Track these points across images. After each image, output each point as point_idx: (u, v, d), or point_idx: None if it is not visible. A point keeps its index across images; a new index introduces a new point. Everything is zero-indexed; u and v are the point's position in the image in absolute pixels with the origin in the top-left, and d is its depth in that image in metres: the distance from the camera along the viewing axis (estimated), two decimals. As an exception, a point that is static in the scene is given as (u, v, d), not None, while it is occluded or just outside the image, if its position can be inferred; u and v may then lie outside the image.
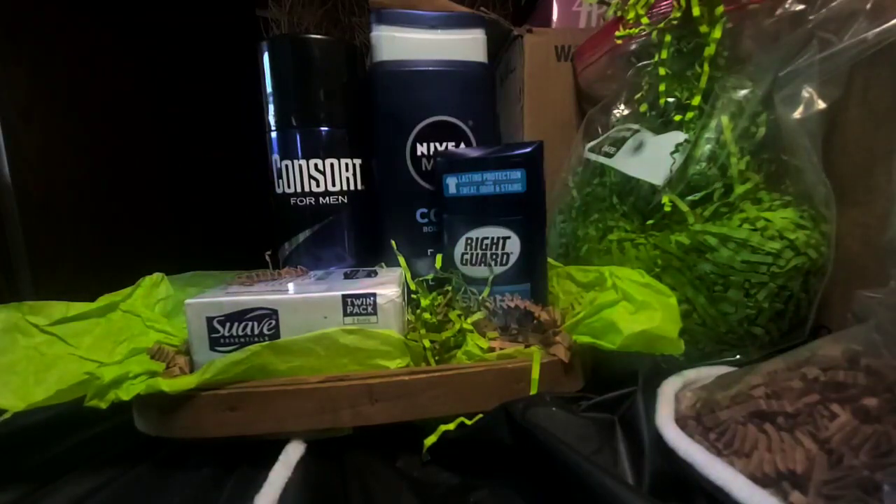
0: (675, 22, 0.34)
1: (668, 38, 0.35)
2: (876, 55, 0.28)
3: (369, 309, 0.28)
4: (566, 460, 0.20)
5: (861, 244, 0.31)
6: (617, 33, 0.37)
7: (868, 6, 0.28)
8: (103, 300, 0.31)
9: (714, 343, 0.32)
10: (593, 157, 0.39)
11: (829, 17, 0.29)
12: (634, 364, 0.27)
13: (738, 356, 0.32)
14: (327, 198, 0.38)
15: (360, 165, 0.39)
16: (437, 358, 0.30)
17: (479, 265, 0.35)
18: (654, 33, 0.36)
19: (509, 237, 0.34)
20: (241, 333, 0.28)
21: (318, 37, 0.38)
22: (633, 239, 0.34)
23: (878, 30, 0.27)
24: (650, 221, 0.34)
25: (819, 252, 0.31)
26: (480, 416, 0.26)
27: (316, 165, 0.38)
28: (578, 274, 0.35)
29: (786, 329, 0.32)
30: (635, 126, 0.37)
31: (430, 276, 0.37)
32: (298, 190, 0.38)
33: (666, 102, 0.36)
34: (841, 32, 0.29)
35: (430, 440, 0.26)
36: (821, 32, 0.30)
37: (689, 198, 0.32)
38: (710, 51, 0.33)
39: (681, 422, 0.22)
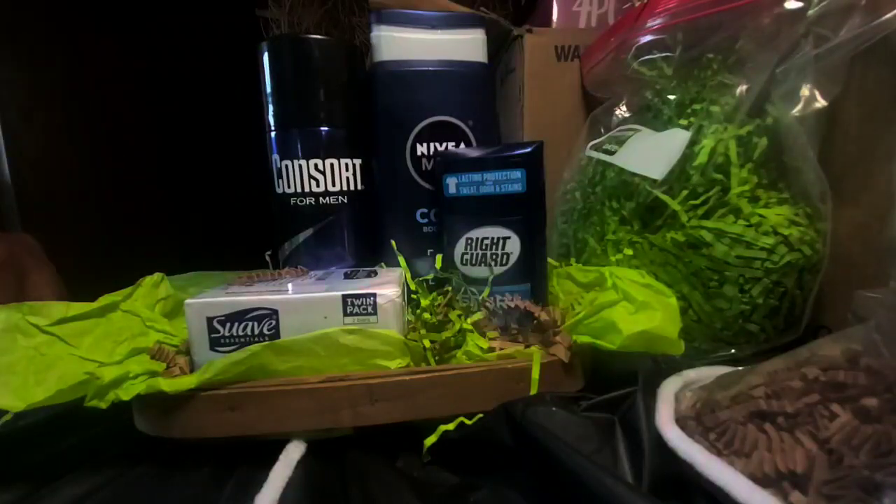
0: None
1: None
2: (874, 53, 0.29)
3: (369, 309, 0.28)
4: (566, 460, 0.20)
5: (861, 244, 0.31)
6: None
7: (863, 2, 0.28)
8: (103, 300, 0.31)
9: (710, 340, 0.33)
10: (595, 154, 0.39)
11: (824, 14, 0.29)
12: (634, 364, 0.27)
13: (732, 351, 0.32)
14: (327, 198, 0.38)
15: (360, 165, 0.39)
16: (437, 358, 0.30)
17: (479, 265, 0.35)
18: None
19: (509, 237, 0.34)
20: (241, 333, 0.28)
21: (318, 37, 0.38)
22: (631, 238, 0.34)
23: (873, 24, 0.27)
24: (648, 229, 0.34)
25: (813, 249, 0.31)
26: (480, 416, 0.26)
27: (316, 165, 0.38)
28: (578, 274, 0.35)
29: (781, 326, 0.32)
30: (637, 126, 0.37)
31: (430, 276, 0.37)
32: (298, 190, 0.38)
33: (666, 102, 0.36)
34: (837, 28, 0.29)
35: (430, 440, 0.26)
36: (817, 29, 0.30)
37: (691, 201, 0.32)
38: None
39: (681, 422, 0.22)
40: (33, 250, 0.44)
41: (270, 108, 0.38)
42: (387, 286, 0.29)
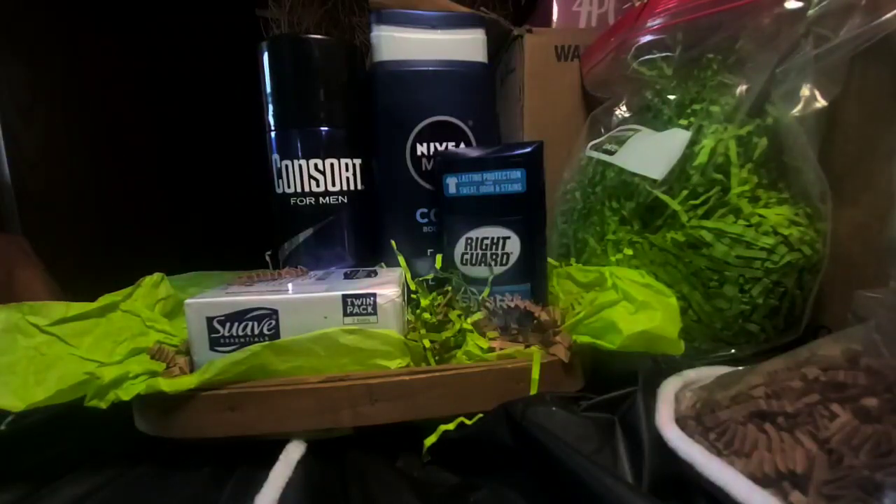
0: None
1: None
2: (873, 53, 0.29)
3: (369, 309, 0.28)
4: (566, 460, 0.20)
5: (861, 244, 0.31)
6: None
7: (863, 2, 0.28)
8: (103, 300, 0.31)
9: (709, 340, 0.33)
10: (595, 154, 0.39)
11: (824, 14, 0.29)
12: (634, 364, 0.27)
13: (732, 351, 0.32)
14: (327, 198, 0.38)
15: (360, 165, 0.39)
16: (437, 358, 0.30)
17: (479, 265, 0.35)
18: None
19: (509, 237, 0.34)
20: (241, 333, 0.28)
21: (318, 37, 0.38)
22: (631, 238, 0.34)
23: (873, 24, 0.27)
24: (648, 229, 0.34)
25: (813, 249, 0.31)
26: (480, 416, 0.26)
27: (316, 165, 0.38)
28: (578, 274, 0.35)
29: (781, 326, 0.32)
30: (637, 126, 0.37)
31: (430, 276, 0.37)
32: (298, 190, 0.38)
33: (666, 102, 0.36)
34: (837, 28, 0.29)
35: (430, 440, 0.26)
36: (817, 29, 0.30)
37: (691, 201, 0.32)
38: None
39: (681, 422, 0.22)
40: (21, 248, 0.44)
41: (270, 108, 0.38)
42: (387, 286, 0.29)
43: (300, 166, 0.37)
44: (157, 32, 0.73)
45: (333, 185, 0.38)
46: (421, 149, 0.39)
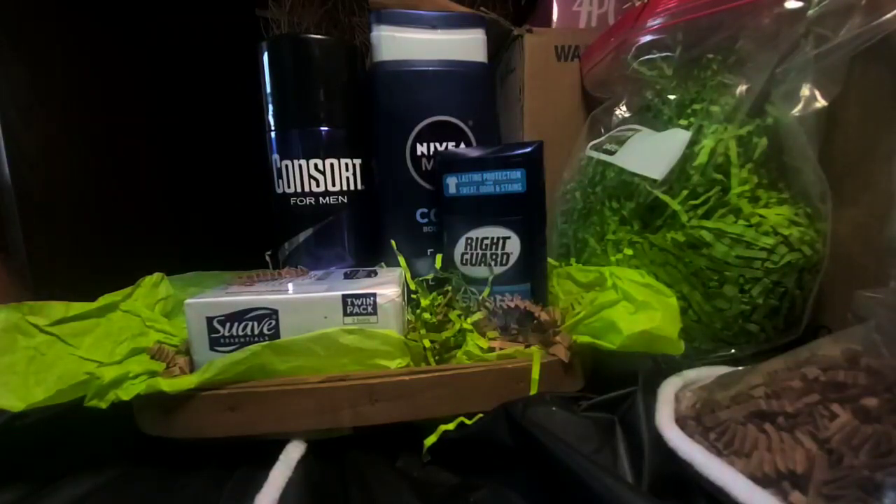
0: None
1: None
2: (873, 53, 0.29)
3: (369, 309, 0.28)
4: (566, 460, 0.20)
5: (861, 244, 0.31)
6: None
7: (863, 2, 0.28)
8: (103, 300, 0.31)
9: (709, 340, 0.33)
10: (595, 154, 0.39)
11: (825, 14, 0.29)
12: (634, 364, 0.27)
13: (732, 351, 0.32)
14: (327, 198, 0.38)
15: (360, 165, 0.39)
16: (437, 358, 0.30)
17: (479, 265, 0.35)
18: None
19: (509, 237, 0.34)
20: (241, 333, 0.28)
21: (318, 37, 0.38)
22: (631, 238, 0.34)
23: (873, 24, 0.27)
24: (648, 229, 0.34)
25: (814, 249, 0.31)
26: (480, 416, 0.26)
27: (316, 165, 0.38)
28: (578, 274, 0.35)
29: (781, 326, 0.32)
30: (637, 126, 0.37)
31: (430, 276, 0.37)
32: (298, 190, 0.38)
33: (666, 102, 0.36)
34: (837, 28, 0.29)
35: (430, 440, 0.26)
36: (817, 29, 0.30)
37: (691, 201, 0.32)
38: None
39: (681, 422, 0.22)
40: None
41: (270, 108, 0.38)
42: (387, 286, 0.29)
43: (300, 166, 0.37)
44: (157, 32, 0.73)
45: (333, 185, 0.38)
46: (421, 149, 0.39)
